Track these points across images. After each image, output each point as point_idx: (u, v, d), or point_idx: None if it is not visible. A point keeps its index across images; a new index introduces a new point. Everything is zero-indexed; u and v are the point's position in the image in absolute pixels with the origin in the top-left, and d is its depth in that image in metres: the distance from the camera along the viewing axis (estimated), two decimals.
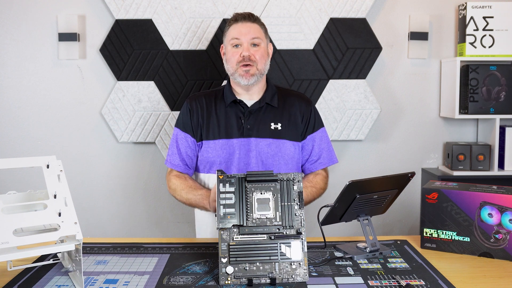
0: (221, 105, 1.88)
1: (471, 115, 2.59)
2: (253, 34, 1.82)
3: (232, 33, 1.84)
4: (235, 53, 1.82)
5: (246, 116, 1.85)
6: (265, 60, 1.84)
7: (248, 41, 1.81)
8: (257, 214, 1.36)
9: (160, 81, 2.60)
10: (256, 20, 1.85)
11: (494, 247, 1.50)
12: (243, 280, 1.30)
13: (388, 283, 1.31)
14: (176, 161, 1.91)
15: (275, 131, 1.85)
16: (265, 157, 1.83)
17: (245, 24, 1.82)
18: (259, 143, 1.84)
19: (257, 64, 1.81)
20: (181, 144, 1.91)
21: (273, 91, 1.90)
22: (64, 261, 1.41)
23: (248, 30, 1.82)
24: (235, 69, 1.82)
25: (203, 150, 1.87)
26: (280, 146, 1.85)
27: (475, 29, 2.59)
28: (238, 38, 1.81)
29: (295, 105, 1.90)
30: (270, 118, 1.86)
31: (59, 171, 1.33)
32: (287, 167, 1.86)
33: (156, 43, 2.58)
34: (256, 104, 1.86)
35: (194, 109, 1.89)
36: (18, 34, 2.64)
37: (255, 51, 1.82)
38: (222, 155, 1.83)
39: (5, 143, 2.69)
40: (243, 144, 1.83)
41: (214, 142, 1.85)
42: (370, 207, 1.55)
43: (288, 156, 1.85)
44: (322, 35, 2.59)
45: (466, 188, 1.56)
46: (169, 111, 2.61)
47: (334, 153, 1.97)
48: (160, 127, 2.62)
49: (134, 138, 2.64)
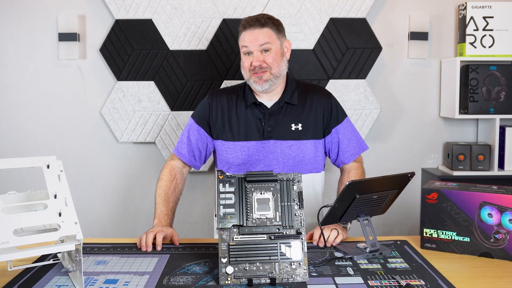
0: (241, 105, 1.88)
1: (471, 115, 2.59)
2: (261, 41, 1.79)
3: (242, 41, 1.83)
4: (246, 61, 1.82)
5: (266, 118, 1.85)
6: (279, 62, 1.82)
7: (257, 49, 1.80)
8: (257, 214, 1.36)
9: (160, 81, 2.60)
10: (265, 24, 1.81)
11: (494, 247, 1.50)
12: (243, 280, 1.30)
13: (388, 283, 1.31)
14: (183, 151, 1.92)
15: (296, 132, 1.85)
16: (286, 158, 1.84)
17: (253, 31, 1.80)
18: (280, 145, 1.84)
19: (270, 69, 1.80)
20: (192, 135, 1.92)
21: (292, 88, 1.89)
22: (64, 261, 1.41)
23: (256, 37, 1.79)
24: (249, 76, 1.83)
25: (222, 151, 1.88)
26: (301, 147, 1.85)
27: (475, 29, 2.59)
28: (247, 46, 1.81)
29: (314, 100, 1.89)
30: (291, 119, 1.86)
31: (59, 171, 1.34)
32: (311, 167, 1.87)
33: (156, 43, 2.58)
34: (276, 105, 1.86)
35: (214, 107, 1.90)
36: (18, 34, 2.64)
37: (266, 56, 1.80)
38: (241, 157, 1.84)
39: (5, 143, 2.69)
40: (264, 147, 1.84)
41: (234, 144, 1.86)
42: (370, 207, 1.55)
43: (310, 155, 1.86)
44: (322, 35, 2.59)
45: (466, 188, 1.56)
46: (169, 111, 2.61)
47: (363, 140, 1.96)
48: (160, 127, 2.62)
49: (134, 138, 2.64)
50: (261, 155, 1.84)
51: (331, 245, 1.60)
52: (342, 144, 1.90)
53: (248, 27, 1.81)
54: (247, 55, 1.83)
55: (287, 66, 1.88)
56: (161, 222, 1.76)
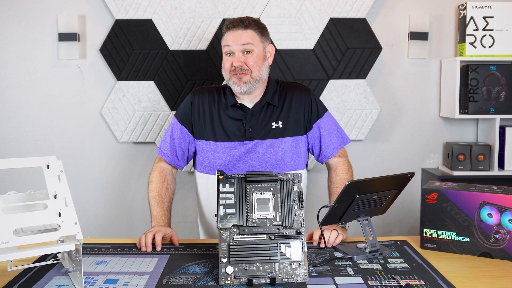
0: (223, 105, 1.87)
1: (471, 115, 2.59)
2: (243, 41, 1.77)
3: (224, 41, 1.82)
4: (227, 61, 1.80)
5: (248, 119, 1.84)
6: (260, 65, 1.79)
7: (239, 49, 1.77)
8: (257, 214, 1.36)
9: (160, 81, 2.60)
10: (249, 26, 1.79)
11: (494, 247, 1.50)
12: (243, 280, 1.30)
13: (388, 283, 1.31)
14: (166, 150, 1.91)
15: (276, 130, 1.84)
16: (268, 157, 1.83)
17: (236, 32, 1.78)
18: (261, 144, 1.83)
19: (251, 72, 1.78)
20: (175, 134, 1.90)
21: (273, 89, 1.88)
22: (64, 261, 1.41)
23: (239, 37, 1.77)
24: (229, 77, 1.81)
25: (203, 150, 1.87)
26: (282, 144, 1.84)
27: (475, 29, 2.59)
28: (229, 46, 1.79)
29: (294, 98, 1.88)
30: (271, 118, 1.85)
31: (59, 171, 1.34)
32: (293, 164, 1.85)
33: (156, 43, 2.58)
34: (257, 105, 1.85)
35: (195, 105, 1.88)
36: (18, 34, 2.64)
37: (248, 58, 1.78)
38: (223, 158, 1.83)
39: (5, 143, 2.69)
40: (246, 147, 1.83)
41: (216, 144, 1.84)
42: (370, 208, 1.55)
43: (291, 153, 1.85)
44: (322, 35, 2.59)
45: (465, 188, 1.56)
46: (169, 111, 2.61)
47: (345, 133, 1.95)
48: (160, 127, 2.62)
49: (134, 138, 2.64)
50: (242, 155, 1.83)
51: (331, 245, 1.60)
52: (324, 138, 1.89)
53: (232, 27, 1.79)
54: (228, 56, 1.80)
55: (268, 71, 1.85)
56: (159, 223, 1.76)
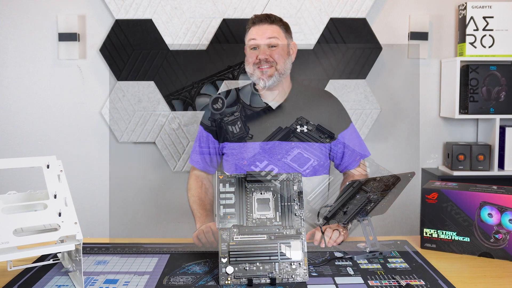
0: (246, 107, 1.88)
1: (471, 115, 2.59)
2: (269, 35, 1.81)
3: (249, 35, 1.85)
4: (252, 55, 1.82)
5: (271, 119, 1.84)
6: (285, 59, 1.82)
7: (264, 41, 1.80)
8: (257, 214, 1.36)
9: (160, 81, 2.60)
10: (275, 21, 1.84)
11: (494, 247, 1.50)
12: (243, 280, 1.30)
13: (388, 283, 1.31)
14: (196, 158, 1.94)
15: (301, 134, 1.85)
16: (291, 160, 1.83)
17: (262, 26, 1.82)
18: (285, 146, 1.83)
19: (276, 64, 1.80)
20: (202, 142, 1.93)
21: (298, 91, 1.89)
22: (64, 261, 1.41)
23: (264, 31, 1.81)
24: (252, 70, 1.82)
25: (228, 153, 1.88)
26: (307, 148, 1.84)
27: (475, 29, 2.59)
28: (255, 39, 1.81)
29: (320, 105, 1.89)
30: (296, 120, 1.85)
31: (59, 171, 1.34)
32: (314, 170, 1.85)
33: (156, 43, 2.58)
34: (281, 106, 1.86)
35: None
36: (18, 34, 2.64)
37: (273, 51, 1.81)
38: (247, 158, 1.84)
39: (5, 143, 2.69)
40: (268, 148, 1.83)
41: (239, 145, 1.85)
42: (370, 207, 1.55)
43: (314, 158, 1.85)
44: (322, 35, 2.59)
45: (466, 188, 1.56)
46: (169, 111, 2.61)
47: (366, 146, 1.96)
48: (160, 127, 2.62)
49: (134, 138, 2.64)
50: (266, 155, 1.84)
51: (332, 245, 1.60)
52: (347, 149, 1.90)
53: (258, 22, 1.84)
54: (253, 50, 1.83)
55: (290, 66, 1.87)
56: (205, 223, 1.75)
